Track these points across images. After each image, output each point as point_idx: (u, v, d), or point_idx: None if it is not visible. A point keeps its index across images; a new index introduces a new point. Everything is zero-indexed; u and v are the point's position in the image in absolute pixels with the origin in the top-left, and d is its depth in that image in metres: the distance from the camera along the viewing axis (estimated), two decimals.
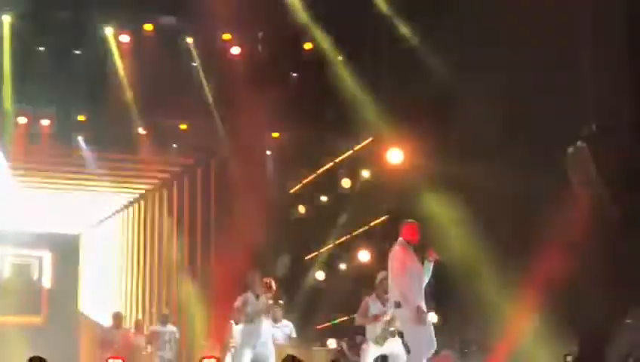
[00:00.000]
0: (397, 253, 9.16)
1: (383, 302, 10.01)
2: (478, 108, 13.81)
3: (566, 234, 11.70)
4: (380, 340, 9.53)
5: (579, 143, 12.34)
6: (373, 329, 9.91)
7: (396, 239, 15.74)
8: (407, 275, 8.99)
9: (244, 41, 16.45)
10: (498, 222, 13.05)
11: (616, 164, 12.02)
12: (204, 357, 10.74)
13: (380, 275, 10.23)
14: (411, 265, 9.01)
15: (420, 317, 8.76)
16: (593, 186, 11.92)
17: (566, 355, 9.08)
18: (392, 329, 9.58)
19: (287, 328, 12.78)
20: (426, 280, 9.09)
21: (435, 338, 9.22)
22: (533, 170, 13.24)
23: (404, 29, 15.29)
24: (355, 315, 10.26)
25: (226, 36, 16.29)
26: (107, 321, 14.75)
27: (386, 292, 10.01)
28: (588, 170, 11.97)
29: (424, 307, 8.96)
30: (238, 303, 10.55)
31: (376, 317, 9.85)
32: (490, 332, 12.56)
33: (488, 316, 12.74)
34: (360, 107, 16.31)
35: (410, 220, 9.28)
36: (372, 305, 10.04)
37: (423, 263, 9.20)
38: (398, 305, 8.89)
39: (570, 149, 12.48)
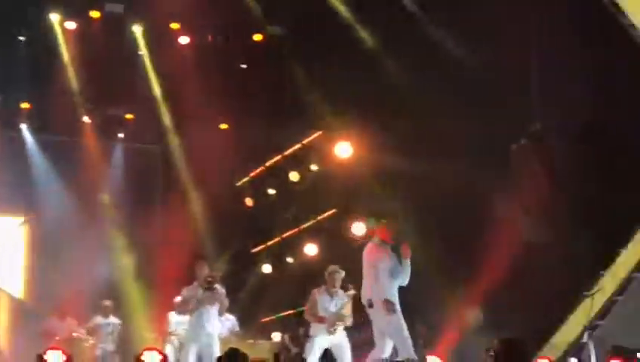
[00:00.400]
0: (366, 252, 9.17)
1: (332, 295, 10.05)
2: (427, 103, 13.90)
3: (510, 229, 11.88)
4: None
5: (523, 141, 12.51)
6: (317, 327, 9.95)
7: (341, 233, 15.93)
8: (373, 274, 9.00)
9: (193, 31, 16.25)
10: (445, 215, 13.16)
11: (559, 162, 12.24)
12: (145, 349, 10.62)
13: (330, 269, 10.27)
14: (379, 262, 8.98)
15: (388, 308, 8.78)
16: (536, 182, 12.11)
17: (487, 349, 9.14)
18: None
19: (229, 321, 12.71)
20: (405, 278, 9.06)
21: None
22: (481, 165, 13.39)
23: (353, 23, 15.32)
24: (302, 308, 10.29)
25: (175, 25, 16.09)
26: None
27: (334, 285, 10.06)
28: (531, 167, 12.18)
29: (394, 301, 8.93)
30: (183, 293, 10.45)
31: (321, 319, 9.90)
32: (434, 326, 12.65)
33: (433, 310, 12.85)
34: (309, 100, 16.30)
35: (384, 220, 9.27)
36: (320, 298, 10.07)
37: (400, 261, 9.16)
38: (370, 304, 8.95)
39: (515, 146, 12.66)
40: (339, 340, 9.86)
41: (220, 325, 11.19)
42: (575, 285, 11.95)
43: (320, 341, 9.79)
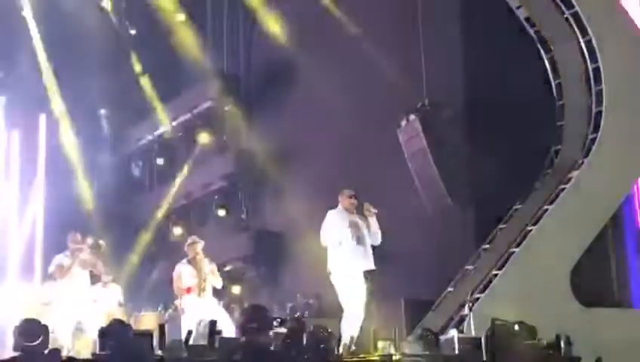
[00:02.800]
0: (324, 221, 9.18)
1: (195, 266, 10.01)
2: (317, 80, 13.99)
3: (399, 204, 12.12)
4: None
5: (411, 117, 12.73)
6: (188, 299, 9.90)
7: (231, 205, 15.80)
8: (327, 241, 9.05)
9: None
10: (334, 188, 13.30)
11: (446, 137, 12.54)
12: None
13: (188, 240, 10.25)
14: (333, 230, 9.03)
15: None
16: (424, 159, 12.37)
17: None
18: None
19: (114, 292, 12.42)
20: (375, 236, 9.06)
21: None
22: (369, 144, 13.61)
23: None
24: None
25: None
26: None
27: (195, 256, 10.02)
28: (419, 143, 12.41)
29: (346, 269, 8.95)
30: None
31: (188, 290, 9.88)
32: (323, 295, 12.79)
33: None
34: (202, 70, 16.08)
35: (345, 190, 9.23)
36: (184, 270, 10.01)
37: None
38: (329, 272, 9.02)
39: (403, 122, 12.87)
40: (211, 308, 9.80)
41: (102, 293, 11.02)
42: (457, 259, 12.34)
43: (194, 313, 9.67)
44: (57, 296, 10.39)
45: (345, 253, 9.01)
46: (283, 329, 8.32)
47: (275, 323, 9.42)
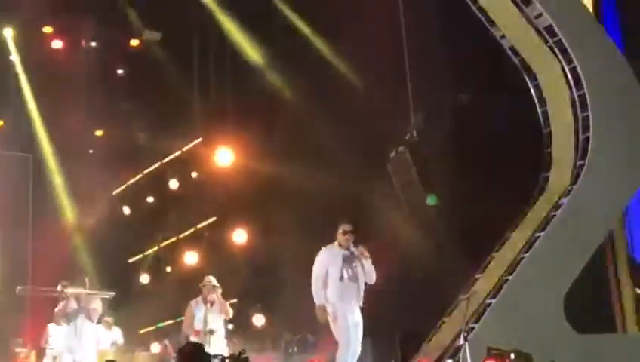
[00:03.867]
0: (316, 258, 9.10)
1: (207, 304, 9.96)
2: (305, 112, 14.04)
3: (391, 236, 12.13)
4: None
5: (400, 148, 12.80)
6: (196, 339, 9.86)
7: (223, 241, 15.78)
8: (314, 278, 8.91)
9: (67, 35, 15.75)
10: (324, 223, 13.26)
11: (436, 168, 12.60)
12: None
13: (205, 280, 10.18)
14: (321, 268, 8.92)
15: (320, 315, 8.77)
16: (413, 188, 12.41)
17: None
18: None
19: (113, 334, 12.43)
20: (367, 277, 8.93)
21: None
22: (360, 173, 13.63)
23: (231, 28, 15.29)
24: (182, 318, 10.17)
25: (47, 29, 15.54)
26: None
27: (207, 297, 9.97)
28: (409, 173, 12.47)
29: (339, 305, 8.82)
30: (60, 306, 10.21)
31: (197, 332, 9.81)
32: (318, 331, 12.73)
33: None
34: (188, 107, 16.11)
35: (342, 224, 9.11)
36: (196, 309, 9.96)
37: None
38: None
39: (393, 153, 12.93)
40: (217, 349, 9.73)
41: (102, 336, 10.97)
42: (451, 289, 12.32)
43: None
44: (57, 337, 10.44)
45: (335, 289, 8.92)
46: None
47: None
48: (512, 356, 8.28)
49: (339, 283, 8.87)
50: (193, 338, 9.81)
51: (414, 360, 11.09)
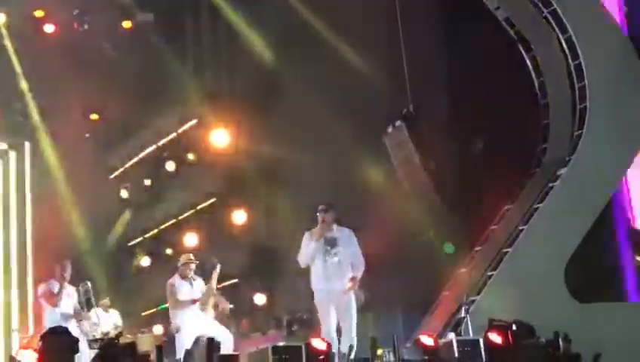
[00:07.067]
0: None
1: (189, 281, 10.00)
2: (301, 91, 13.98)
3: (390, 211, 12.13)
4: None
5: (398, 123, 12.76)
6: (183, 315, 9.85)
7: (223, 222, 15.76)
8: (302, 261, 9.09)
9: (59, 18, 15.62)
10: (325, 200, 13.27)
11: (433, 142, 12.58)
12: (21, 348, 10.17)
13: (182, 258, 10.20)
14: (307, 248, 9.03)
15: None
16: (412, 163, 12.39)
17: None
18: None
19: (112, 317, 12.45)
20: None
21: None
22: (356, 154, 13.61)
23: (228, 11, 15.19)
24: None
25: (39, 13, 15.41)
26: None
27: (186, 273, 9.99)
28: (406, 148, 12.44)
29: (318, 286, 8.96)
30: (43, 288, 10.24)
31: (183, 303, 9.86)
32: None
33: None
34: (184, 88, 16.02)
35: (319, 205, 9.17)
36: (177, 284, 10.00)
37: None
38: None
39: (390, 129, 12.89)
40: (211, 328, 9.72)
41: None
42: (451, 262, 12.35)
43: (190, 330, 9.59)
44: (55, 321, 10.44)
45: (318, 269, 8.95)
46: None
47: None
48: (514, 327, 8.27)
49: (320, 263, 8.92)
50: (182, 315, 9.78)
51: (416, 334, 11.11)
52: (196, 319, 9.80)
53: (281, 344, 8.13)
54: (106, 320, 11.82)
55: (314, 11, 14.21)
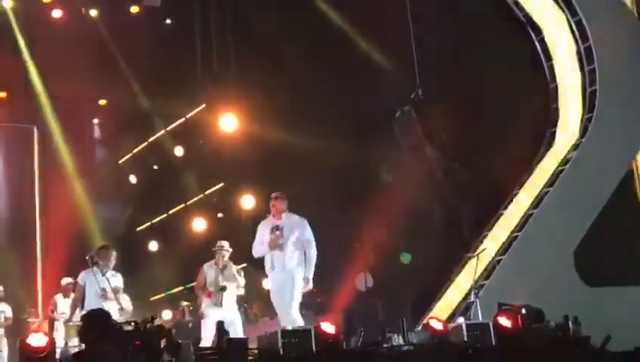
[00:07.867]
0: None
1: (220, 269, 10.04)
2: (308, 76, 13.94)
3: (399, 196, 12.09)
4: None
5: (406, 107, 12.72)
6: (208, 302, 9.92)
7: (231, 207, 15.77)
8: (256, 246, 9.20)
9: (66, 3, 15.60)
10: (335, 185, 13.27)
11: (441, 126, 12.54)
12: (31, 331, 10.19)
13: (217, 245, 10.25)
14: (262, 235, 9.15)
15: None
16: (421, 148, 12.36)
17: None
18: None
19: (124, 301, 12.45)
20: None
21: None
22: (364, 138, 13.57)
23: None
24: (193, 284, 10.22)
25: None
26: None
27: (220, 261, 10.07)
28: (415, 133, 12.41)
29: (273, 265, 9.06)
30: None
31: (209, 294, 9.90)
32: (328, 291, 12.78)
33: (327, 276, 12.98)
34: (192, 74, 15.99)
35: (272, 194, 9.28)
36: (208, 272, 10.04)
37: None
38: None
39: (398, 113, 12.86)
40: (230, 316, 9.79)
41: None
42: (459, 247, 12.32)
43: (212, 316, 9.70)
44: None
45: (267, 257, 9.09)
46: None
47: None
48: (524, 311, 8.25)
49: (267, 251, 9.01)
50: (207, 301, 9.85)
51: (425, 318, 11.11)
52: (216, 306, 9.87)
53: (289, 328, 8.12)
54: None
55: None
